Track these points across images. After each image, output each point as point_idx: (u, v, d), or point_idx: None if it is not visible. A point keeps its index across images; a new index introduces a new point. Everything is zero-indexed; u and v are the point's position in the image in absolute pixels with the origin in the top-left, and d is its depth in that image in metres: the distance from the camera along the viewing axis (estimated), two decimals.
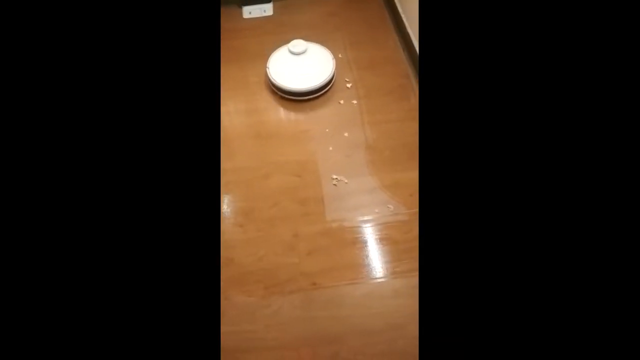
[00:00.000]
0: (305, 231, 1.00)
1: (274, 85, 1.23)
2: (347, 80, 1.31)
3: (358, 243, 0.98)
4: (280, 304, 0.90)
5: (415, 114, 1.21)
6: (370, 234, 0.99)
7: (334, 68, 1.24)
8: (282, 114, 1.26)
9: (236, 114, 1.27)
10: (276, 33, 1.48)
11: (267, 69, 1.25)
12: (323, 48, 1.30)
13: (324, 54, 1.28)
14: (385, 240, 0.98)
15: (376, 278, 0.93)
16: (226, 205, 1.07)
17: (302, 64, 1.26)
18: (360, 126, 1.20)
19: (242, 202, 1.07)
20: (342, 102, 1.26)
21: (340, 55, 1.38)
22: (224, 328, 0.87)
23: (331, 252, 0.96)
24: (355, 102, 1.26)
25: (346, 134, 1.18)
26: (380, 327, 0.86)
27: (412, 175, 1.08)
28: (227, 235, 1.01)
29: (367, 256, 0.96)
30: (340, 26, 1.49)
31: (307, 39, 1.30)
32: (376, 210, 1.02)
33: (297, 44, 1.26)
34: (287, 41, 1.29)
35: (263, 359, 0.83)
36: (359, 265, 0.94)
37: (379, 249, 0.97)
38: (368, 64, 1.35)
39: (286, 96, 1.24)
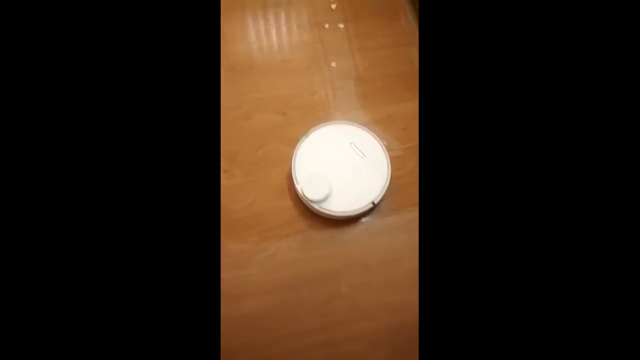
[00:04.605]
0: None
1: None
2: (331, 0, 1.15)
3: None
4: (277, 247, 0.88)
5: (408, 38, 1.09)
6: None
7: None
8: (256, 41, 1.11)
9: None
10: None
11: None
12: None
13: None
14: None
15: (371, 214, 0.91)
16: None
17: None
18: (349, 53, 1.08)
19: (224, 145, 0.98)
20: (327, 26, 1.11)
21: None
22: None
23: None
24: (341, 25, 1.12)
25: (333, 64, 1.07)
26: (376, 261, 0.87)
27: (405, 107, 1.01)
28: None
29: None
30: None
31: None
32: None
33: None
34: None
35: (264, 302, 0.83)
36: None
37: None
38: None
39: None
